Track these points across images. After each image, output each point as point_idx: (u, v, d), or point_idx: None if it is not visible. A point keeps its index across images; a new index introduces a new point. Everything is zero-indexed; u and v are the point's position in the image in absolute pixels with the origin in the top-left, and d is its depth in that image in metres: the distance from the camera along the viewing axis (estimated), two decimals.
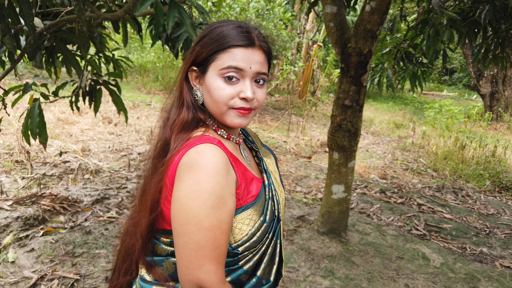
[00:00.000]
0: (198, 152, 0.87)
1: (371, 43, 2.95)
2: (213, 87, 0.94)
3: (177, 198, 0.86)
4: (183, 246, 0.86)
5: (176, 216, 0.86)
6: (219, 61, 0.93)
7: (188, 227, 0.84)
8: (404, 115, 10.54)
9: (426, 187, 5.32)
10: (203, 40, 0.96)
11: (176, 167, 0.89)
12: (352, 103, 3.14)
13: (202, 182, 0.84)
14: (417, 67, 4.77)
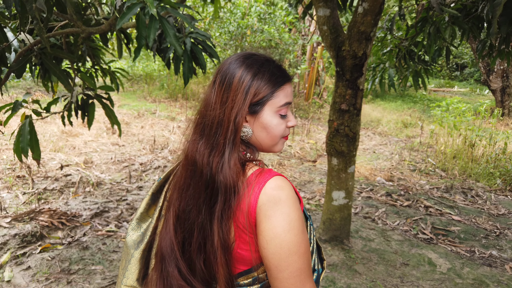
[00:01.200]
0: (276, 187, 0.90)
1: (366, 45, 2.87)
2: (273, 124, 0.98)
3: (274, 237, 0.88)
4: (288, 276, 0.89)
5: (277, 252, 0.88)
6: (276, 99, 0.97)
7: (291, 258, 0.88)
8: (413, 114, 10.36)
9: (434, 188, 5.19)
10: (256, 80, 0.95)
11: (255, 208, 0.89)
12: (349, 107, 3.06)
13: (291, 213, 0.89)
14: (419, 65, 4.66)
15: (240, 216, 0.90)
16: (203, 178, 0.94)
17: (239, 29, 8.11)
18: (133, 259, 1.06)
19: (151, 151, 5.98)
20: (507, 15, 2.39)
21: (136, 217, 1.12)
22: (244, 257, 0.94)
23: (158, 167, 5.27)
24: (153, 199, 1.14)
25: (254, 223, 0.90)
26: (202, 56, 2.84)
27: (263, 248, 0.90)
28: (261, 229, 0.89)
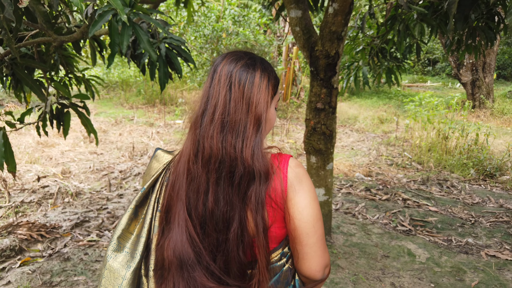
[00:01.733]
0: (296, 165, 1.02)
1: (338, 45, 2.94)
2: (274, 115, 1.09)
3: (304, 207, 0.98)
4: (316, 240, 0.99)
5: (308, 220, 0.98)
6: (278, 94, 1.09)
7: (318, 224, 0.99)
8: (388, 110, 10.59)
9: (411, 181, 5.33)
10: (272, 78, 1.05)
11: (286, 186, 0.98)
12: (324, 106, 3.12)
13: (311, 186, 1.02)
14: (392, 62, 4.78)
15: (274, 196, 0.97)
16: (235, 171, 0.95)
17: (214, 33, 8.13)
18: (125, 281, 0.99)
19: (131, 158, 5.93)
20: (461, 12, 2.50)
21: (117, 235, 1.05)
22: (276, 235, 1.01)
23: (138, 174, 5.23)
24: (135, 213, 1.08)
25: (286, 198, 0.98)
26: (177, 61, 2.85)
27: (296, 218, 0.98)
28: (293, 203, 0.98)
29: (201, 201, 0.96)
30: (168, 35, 2.91)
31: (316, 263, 1.00)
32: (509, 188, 5.06)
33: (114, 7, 1.48)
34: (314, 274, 1.01)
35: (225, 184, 0.96)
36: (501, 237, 3.68)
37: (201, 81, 9.18)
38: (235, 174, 0.95)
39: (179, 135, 7.59)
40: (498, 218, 4.10)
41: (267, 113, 1.01)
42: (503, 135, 7.65)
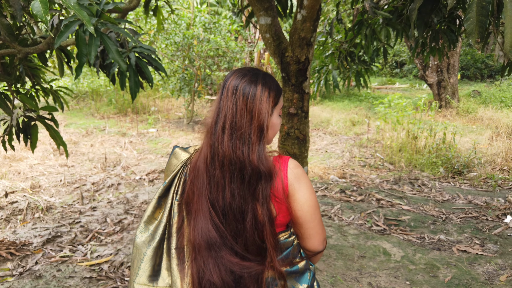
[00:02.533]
0: (295, 166, 1.21)
1: (308, 50, 2.99)
2: (277, 123, 1.25)
3: (306, 200, 1.19)
4: (317, 223, 1.23)
5: (309, 210, 1.20)
6: (280, 104, 1.25)
7: (317, 211, 1.23)
8: (359, 112, 10.81)
9: (384, 181, 5.45)
10: (275, 93, 1.22)
11: (287, 185, 1.18)
12: (297, 111, 3.16)
13: (309, 182, 1.22)
14: (360, 66, 4.89)
15: (276, 192, 1.17)
16: (244, 171, 1.14)
17: (185, 40, 8.08)
18: (145, 257, 1.21)
19: (103, 170, 5.80)
20: (421, 19, 2.65)
21: (144, 220, 1.27)
22: (283, 222, 1.22)
23: (112, 185, 5.12)
24: (158, 203, 1.29)
25: (287, 195, 1.19)
26: (148, 69, 2.83)
27: (298, 210, 1.20)
28: (295, 198, 1.19)
29: (220, 196, 1.15)
30: (137, 44, 2.88)
31: (318, 239, 1.26)
32: (476, 184, 5.26)
33: (81, 18, 1.46)
34: (317, 247, 1.27)
35: (237, 182, 1.14)
36: (471, 232, 3.81)
37: (174, 89, 9.10)
38: (244, 174, 1.14)
39: (152, 144, 7.50)
40: (468, 214, 4.25)
41: (269, 121, 1.19)
42: (469, 133, 7.95)
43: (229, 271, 1.14)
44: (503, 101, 10.92)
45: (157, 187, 5.11)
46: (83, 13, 1.50)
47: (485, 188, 5.12)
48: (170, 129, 8.75)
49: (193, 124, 9.36)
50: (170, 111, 10.71)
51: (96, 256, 3.32)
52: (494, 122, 8.63)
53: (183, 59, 8.51)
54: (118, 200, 4.60)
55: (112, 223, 3.95)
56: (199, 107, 11.01)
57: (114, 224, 3.94)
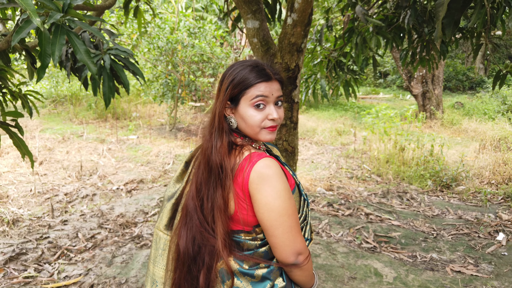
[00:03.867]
0: (265, 166, 1.14)
1: (298, 57, 2.80)
2: (247, 115, 1.21)
3: (265, 203, 1.13)
4: (282, 232, 1.14)
5: (269, 216, 1.13)
6: (248, 94, 1.20)
7: (282, 218, 1.13)
8: (345, 122, 10.71)
9: (372, 194, 5.29)
10: (232, 83, 1.22)
11: (247, 183, 1.15)
12: (286, 121, 2.96)
13: (277, 185, 1.13)
14: (349, 75, 4.74)
15: (237, 188, 1.16)
16: (206, 159, 1.22)
17: (169, 45, 7.82)
18: (165, 209, 1.34)
19: (78, 179, 5.48)
20: (451, 17, 2.20)
21: (174, 179, 1.41)
22: (243, 220, 1.19)
23: (86, 196, 4.81)
24: (186, 166, 1.40)
25: (248, 194, 1.15)
26: (124, 74, 2.58)
27: (258, 213, 1.15)
28: (255, 199, 1.15)
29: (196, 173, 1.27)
30: (114, 46, 2.64)
31: (285, 251, 1.16)
32: (465, 198, 5.14)
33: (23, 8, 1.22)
34: (285, 259, 1.17)
35: (204, 168, 1.23)
36: (463, 250, 3.66)
37: (156, 95, 8.82)
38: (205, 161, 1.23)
39: (132, 151, 7.19)
40: (459, 231, 4.11)
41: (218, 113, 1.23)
42: (455, 145, 7.91)
43: (194, 240, 1.21)
44: (486, 113, 10.99)
45: (134, 198, 4.82)
46: (27, 2, 1.26)
47: (475, 202, 5.01)
48: (152, 136, 8.45)
49: (176, 131, 9.07)
50: (152, 117, 10.40)
51: (64, 276, 3.03)
52: (478, 134, 8.62)
53: (167, 64, 8.24)
54: (92, 212, 4.29)
55: (84, 239, 3.65)
56: (183, 114, 10.73)
57: (86, 240, 3.64)
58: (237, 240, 1.22)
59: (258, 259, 1.21)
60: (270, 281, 1.20)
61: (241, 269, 1.20)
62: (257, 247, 1.22)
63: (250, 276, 1.20)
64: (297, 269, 1.20)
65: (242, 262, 1.21)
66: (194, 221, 1.22)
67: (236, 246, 1.23)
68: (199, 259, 1.21)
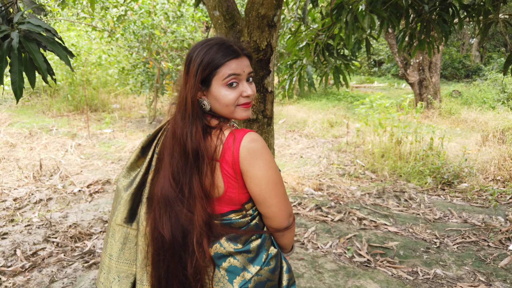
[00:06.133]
0: (251, 140, 1.15)
1: (270, 34, 2.19)
2: (221, 95, 1.19)
3: (262, 176, 1.15)
4: (279, 200, 1.19)
5: (267, 187, 1.16)
6: (220, 74, 1.18)
7: (277, 186, 1.19)
8: (338, 112, 10.13)
9: (365, 194, 4.73)
10: (201, 64, 1.17)
11: (238, 160, 1.14)
12: (257, 115, 2.37)
13: (267, 157, 1.17)
14: (339, 61, 4.15)
15: (226, 167, 1.15)
16: (180, 145, 1.17)
17: (145, 30, 7.13)
18: (122, 200, 1.27)
19: (36, 180, 4.86)
20: None
21: (127, 166, 1.35)
22: (233, 199, 1.19)
23: (40, 201, 4.20)
24: (142, 152, 1.35)
25: (239, 172, 1.16)
26: (39, 55, 1.98)
27: (255, 187, 1.17)
28: (249, 175, 1.15)
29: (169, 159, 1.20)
30: (29, 20, 2.02)
31: (282, 217, 1.22)
32: (470, 198, 4.60)
33: None
34: (282, 224, 1.23)
35: (179, 155, 1.18)
36: (472, 264, 3.11)
37: (134, 85, 8.16)
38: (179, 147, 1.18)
39: (105, 147, 6.57)
40: (465, 238, 3.56)
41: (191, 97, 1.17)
42: (455, 137, 7.35)
43: (179, 226, 1.16)
44: (486, 102, 10.45)
45: (95, 203, 4.22)
46: None
47: (480, 203, 4.46)
48: (129, 130, 7.82)
49: (156, 124, 8.44)
50: (132, 109, 9.75)
51: None
52: (479, 124, 8.08)
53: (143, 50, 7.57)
54: (41, 222, 3.69)
55: (23, 257, 3.06)
56: (165, 105, 10.09)
57: (25, 258, 3.05)
58: (227, 222, 1.21)
59: (252, 230, 1.22)
60: (264, 251, 1.23)
61: (236, 249, 1.19)
62: (248, 223, 1.23)
63: (246, 252, 1.20)
64: (287, 231, 1.26)
65: (236, 242, 1.20)
66: (178, 208, 1.18)
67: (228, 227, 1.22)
68: (188, 245, 1.18)
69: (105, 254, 1.29)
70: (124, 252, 1.26)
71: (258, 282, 1.20)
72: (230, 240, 1.19)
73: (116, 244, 1.26)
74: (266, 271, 1.21)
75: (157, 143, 1.29)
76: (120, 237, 1.26)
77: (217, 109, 1.21)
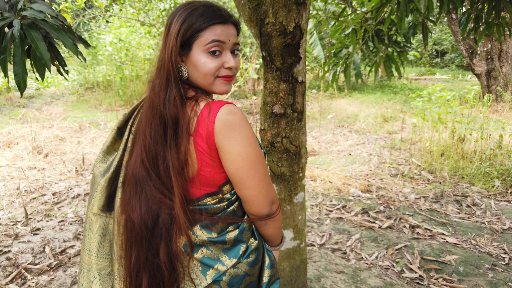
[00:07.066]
0: (229, 112, 1.03)
1: (298, 13, 1.86)
2: (200, 62, 1.07)
3: (239, 153, 1.03)
4: (258, 181, 1.07)
5: (244, 165, 1.04)
6: (202, 38, 1.06)
7: (257, 166, 1.06)
8: (393, 106, 9.44)
9: (420, 197, 4.22)
10: (184, 25, 1.05)
11: (212, 134, 1.02)
12: (285, 110, 2.05)
13: (247, 132, 1.04)
14: (391, 48, 3.69)
15: (200, 141, 1.03)
16: (158, 114, 1.05)
17: None
18: (99, 187, 1.15)
19: (78, 174, 4.90)
20: None
21: (103, 150, 1.22)
22: (208, 179, 1.07)
23: (78, 196, 4.19)
24: (119, 134, 1.22)
25: (214, 147, 1.04)
26: (42, 44, 1.80)
27: (231, 164, 1.04)
28: (224, 151, 1.03)
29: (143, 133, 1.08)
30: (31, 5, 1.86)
31: (261, 201, 1.09)
32: None
33: None
34: (261, 211, 1.11)
35: (155, 124, 1.05)
36: None
37: None
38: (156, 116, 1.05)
39: None
40: None
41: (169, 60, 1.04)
42: None
43: (150, 209, 1.07)
44: None
45: None
46: None
47: None
48: None
49: None
50: None
51: None
52: None
53: None
54: (74, 218, 3.64)
55: (51, 254, 3.00)
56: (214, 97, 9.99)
57: (53, 256, 2.99)
58: (201, 208, 1.09)
59: (228, 218, 1.11)
60: (243, 243, 1.12)
61: (210, 238, 1.09)
62: (225, 209, 1.11)
63: (221, 243, 1.10)
64: (270, 220, 1.15)
65: (210, 231, 1.09)
66: (148, 189, 1.07)
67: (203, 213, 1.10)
68: (158, 230, 1.07)
69: (83, 251, 1.17)
70: (104, 245, 1.15)
71: (234, 275, 1.10)
72: (204, 227, 1.08)
73: (94, 237, 1.15)
74: (244, 264, 1.11)
75: (133, 122, 1.19)
76: (98, 228, 1.15)
77: (195, 78, 1.10)
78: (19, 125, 7.07)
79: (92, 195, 1.17)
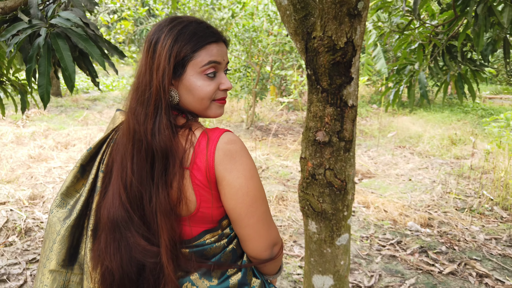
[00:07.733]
0: (229, 141, 0.95)
1: (351, 27, 1.57)
2: (197, 86, 0.98)
3: (239, 186, 0.94)
4: (257, 220, 0.97)
5: (243, 201, 0.94)
6: (198, 59, 0.97)
7: (257, 203, 0.96)
8: (463, 128, 8.62)
9: (491, 238, 3.65)
10: (176, 44, 0.95)
11: (213, 165, 0.92)
12: (330, 137, 1.75)
13: (249, 163, 0.96)
14: (464, 66, 3.23)
15: (198, 175, 0.93)
16: (143, 146, 0.94)
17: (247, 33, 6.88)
18: (58, 237, 1.00)
19: None
20: None
21: (61, 192, 1.07)
22: (207, 215, 0.97)
23: None
24: (82, 172, 1.09)
25: (214, 180, 0.94)
26: (67, 54, 1.68)
27: (230, 200, 0.95)
28: (224, 184, 0.94)
29: (124, 172, 0.95)
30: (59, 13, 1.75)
31: (261, 243, 0.99)
32: None
33: None
34: (260, 254, 1.00)
35: (139, 158, 0.94)
36: None
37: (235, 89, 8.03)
38: (141, 149, 0.94)
39: None
40: None
41: (160, 85, 0.94)
42: None
43: (133, 259, 0.94)
44: None
45: None
46: None
47: None
48: None
49: (253, 129, 8.18)
50: (233, 113, 9.69)
51: None
52: None
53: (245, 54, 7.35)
54: None
55: None
56: (267, 110, 9.81)
57: None
58: (200, 249, 0.98)
59: (229, 265, 1.00)
60: (247, 286, 1.02)
61: (212, 286, 0.98)
62: (225, 247, 1.01)
63: None
64: (270, 261, 1.04)
65: (211, 277, 0.98)
66: (130, 235, 0.94)
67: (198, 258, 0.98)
68: (145, 282, 0.95)
69: None
70: None
71: None
72: (204, 275, 0.98)
73: None
74: None
75: (101, 158, 1.06)
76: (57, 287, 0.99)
77: (189, 102, 1.00)
78: (79, 127, 7.35)
79: (50, 248, 1.00)
